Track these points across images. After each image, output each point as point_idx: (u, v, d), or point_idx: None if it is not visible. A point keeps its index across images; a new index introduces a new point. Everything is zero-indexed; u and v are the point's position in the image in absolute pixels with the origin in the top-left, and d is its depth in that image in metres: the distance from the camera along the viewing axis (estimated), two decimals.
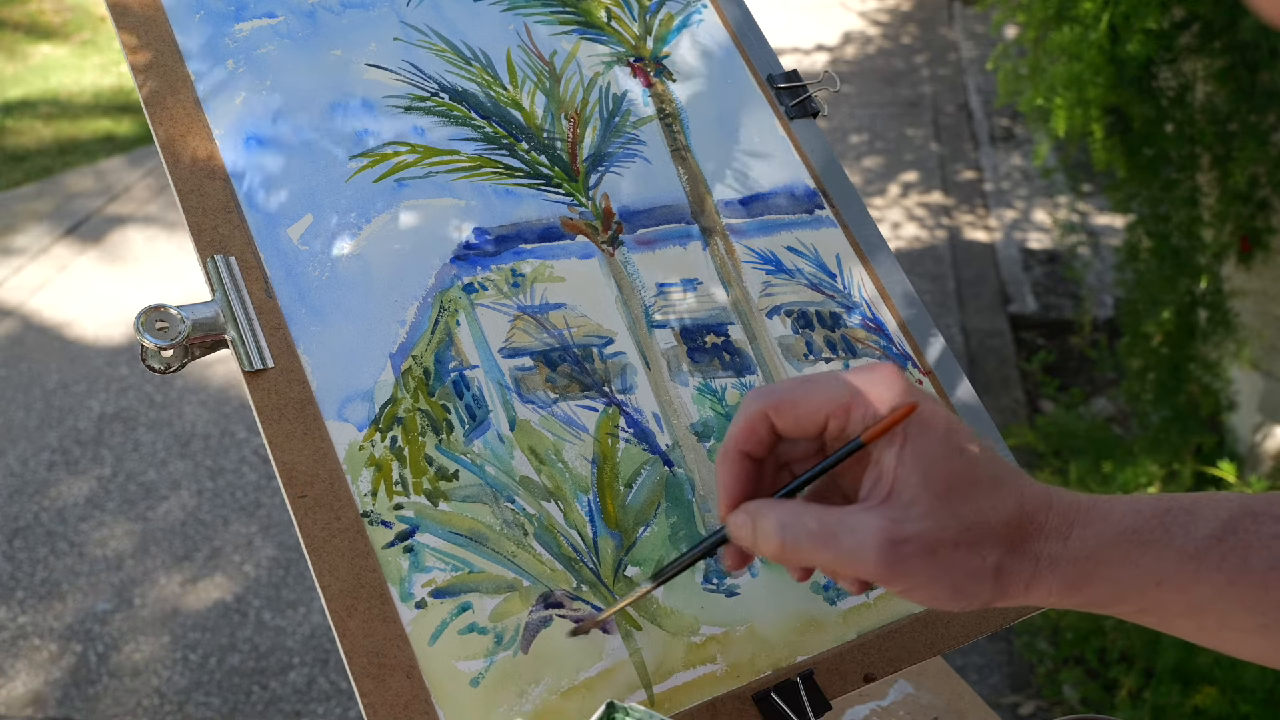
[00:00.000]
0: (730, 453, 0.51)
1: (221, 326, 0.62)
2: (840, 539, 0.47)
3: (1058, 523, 0.48)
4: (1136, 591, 0.48)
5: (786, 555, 0.48)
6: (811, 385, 0.50)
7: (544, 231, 0.72)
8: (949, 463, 0.47)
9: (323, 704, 2.05)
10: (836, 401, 0.49)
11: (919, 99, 4.55)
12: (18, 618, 2.22)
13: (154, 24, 0.70)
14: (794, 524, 0.48)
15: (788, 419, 0.50)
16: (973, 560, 0.47)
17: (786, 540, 0.48)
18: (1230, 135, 1.79)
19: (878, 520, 0.46)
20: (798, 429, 0.50)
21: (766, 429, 0.50)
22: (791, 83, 0.84)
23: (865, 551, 0.46)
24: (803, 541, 0.48)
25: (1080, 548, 0.48)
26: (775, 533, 0.48)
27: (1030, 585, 0.48)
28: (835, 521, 0.47)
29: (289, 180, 0.68)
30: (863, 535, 0.46)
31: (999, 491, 0.48)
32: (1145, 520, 0.48)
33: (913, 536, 0.46)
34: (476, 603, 0.60)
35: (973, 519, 0.47)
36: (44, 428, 2.72)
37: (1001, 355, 2.99)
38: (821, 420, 0.49)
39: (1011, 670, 2.09)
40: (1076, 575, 0.48)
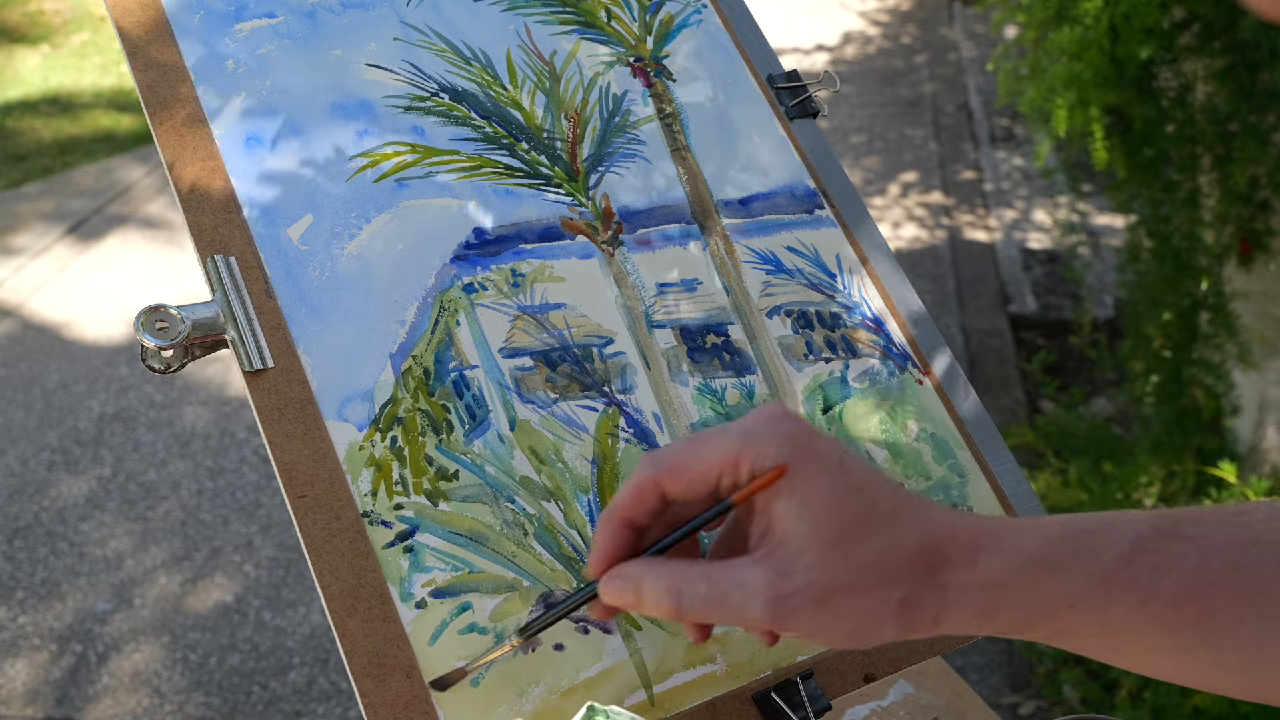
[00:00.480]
0: (614, 520, 0.51)
1: (221, 326, 0.62)
2: (729, 597, 0.47)
3: (963, 551, 0.47)
4: (1047, 615, 0.47)
5: (683, 617, 0.49)
6: (699, 445, 0.49)
7: (544, 231, 0.72)
8: (842, 505, 0.46)
9: (323, 704, 2.05)
10: (725, 458, 0.48)
11: (919, 99, 4.55)
12: (18, 618, 2.22)
13: (154, 24, 0.70)
14: (687, 589, 0.48)
15: (679, 484, 0.49)
16: (870, 603, 0.46)
17: (682, 605, 0.48)
18: (1230, 135, 1.79)
19: (764, 575, 0.46)
20: (690, 492, 0.49)
21: (656, 498, 0.50)
22: (791, 83, 0.84)
23: (753, 607, 0.46)
24: (697, 606, 0.48)
25: (988, 574, 0.47)
26: (668, 598, 0.48)
27: (939, 616, 0.47)
28: (723, 579, 0.47)
29: (289, 180, 0.68)
30: (749, 590, 0.46)
31: (899, 527, 0.47)
32: (1054, 544, 0.47)
33: (800, 588, 0.45)
34: (476, 603, 0.60)
35: (870, 559, 0.46)
36: (44, 428, 2.72)
37: (1001, 355, 2.99)
38: (713, 480, 0.49)
39: (1011, 670, 2.09)
40: (986, 602, 0.47)
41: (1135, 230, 2.04)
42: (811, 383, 0.73)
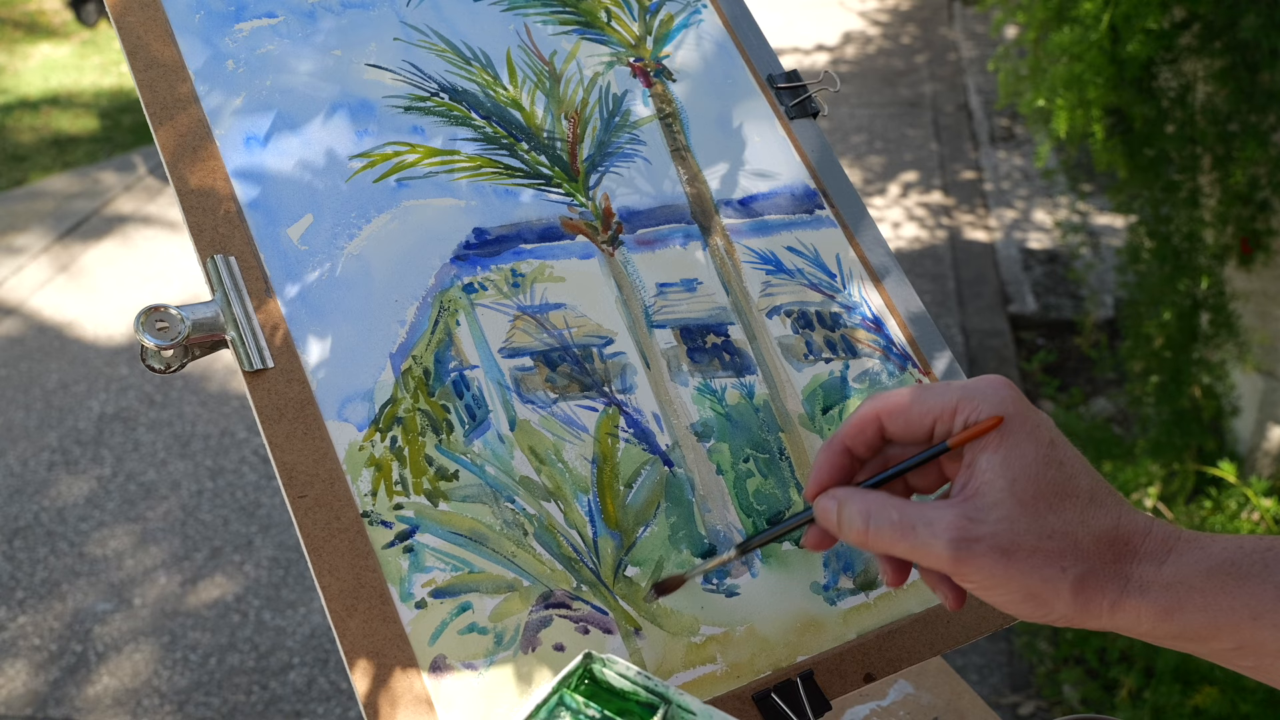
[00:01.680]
0: (835, 445, 0.54)
1: (221, 326, 0.62)
2: (917, 530, 0.49)
3: (1154, 548, 0.48)
4: (1231, 625, 0.47)
5: (869, 541, 0.50)
6: (922, 390, 0.52)
7: (544, 231, 0.72)
8: (1042, 473, 0.48)
9: (323, 704, 2.05)
10: (944, 406, 0.50)
11: (919, 99, 4.55)
12: (18, 617, 2.22)
13: (154, 24, 0.70)
14: (878, 513, 0.50)
15: (897, 421, 0.52)
16: (1049, 569, 0.47)
17: (869, 528, 0.50)
18: (1231, 135, 1.79)
19: (954, 516, 0.48)
20: (906, 433, 0.52)
21: (875, 431, 0.53)
22: (791, 83, 0.84)
23: (937, 544, 0.48)
24: (884, 530, 0.50)
25: (1174, 573, 0.48)
26: (859, 519, 0.50)
27: (1117, 606, 0.48)
28: (915, 513, 0.49)
29: (289, 180, 0.68)
30: (937, 527, 0.48)
31: (1093, 508, 0.48)
32: (1245, 554, 0.48)
33: (985, 536, 0.47)
34: (476, 603, 0.60)
35: (1057, 528, 0.47)
36: (44, 428, 2.72)
37: (1001, 355, 2.99)
38: (929, 424, 0.51)
39: (1011, 670, 2.09)
40: (1169, 601, 0.47)
41: (1135, 230, 2.04)
42: (811, 383, 0.73)
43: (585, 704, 0.51)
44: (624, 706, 0.51)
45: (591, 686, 0.52)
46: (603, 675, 0.52)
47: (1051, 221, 3.58)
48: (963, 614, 0.68)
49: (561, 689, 0.52)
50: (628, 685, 0.52)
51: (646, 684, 0.51)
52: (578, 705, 0.51)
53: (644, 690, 0.51)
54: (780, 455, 0.70)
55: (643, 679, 0.52)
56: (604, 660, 0.52)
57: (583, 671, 0.52)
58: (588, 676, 0.53)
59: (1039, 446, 0.49)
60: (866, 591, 0.67)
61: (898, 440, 0.53)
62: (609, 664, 0.52)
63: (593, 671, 0.53)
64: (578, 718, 0.51)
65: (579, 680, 0.52)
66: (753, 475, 0.69)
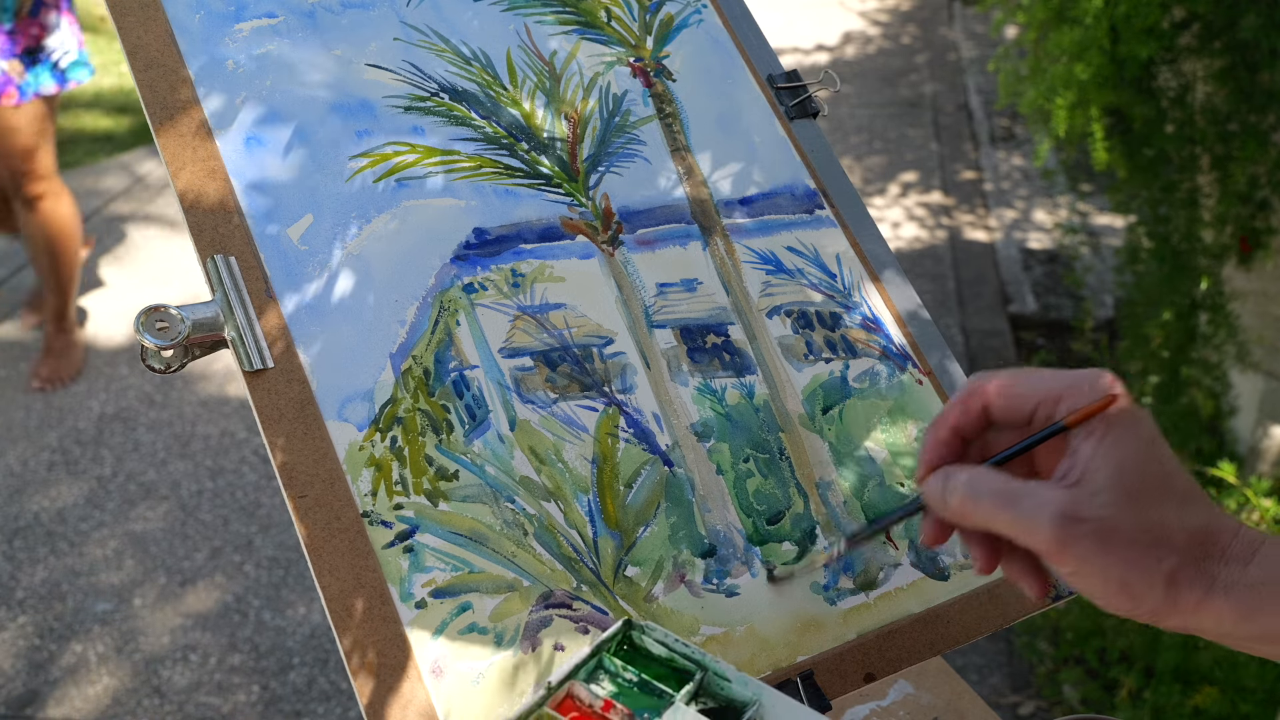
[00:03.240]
0: (942, 427, 0.54)
1: (221, 326, 0.62)
2: (1020, 502, 0.49)
3: (1240, 550, 0.49)
4: None
5: (968, 510, 0.50)
6: (1029, 374, 0.53)
7: (544, 231, 0.72)
8: (1145, 465, 0.49)
9: (323, 704, 2.05)
10: (1049, 390, 0.51)
11: (919, 99, 4.55)
12: (17, 617, 2.22)
13: (154, 24, 0.70)
14: (982, 483, 0.50)
15: (1002, 400, 0.53)
16: (1147, 560, 0.48)
17: (970, 494, 0.50)
18: (1230, 135, 1.79)
19: (1060, 495, 0.48)
20: (1009, 412, 0.53)
21: (980, 407, 0.53)
22: (791, 83, 0.84)
23: (1040, 520, 0.48)
24: (985, 498, 0.50)
25: (1260, 574, 0.48)
26: (962, 487, 0.51)
27: (1202, 604, 0.48)
28: (1020, 488, 0.49)
29: (289, 180, 0.68)
30: (1042, 504, 0.48)
31: (1188, 505, 0.49)
32: None
33: (1089, 518, 0.47)
34: (476, 603, 0.60)
35: (1155, 520, 0.48)
36: (44, 428, 2.72)
37: (1001, 355, 2.98)
38: (1032, 406, 0.52)
39: (1011, 670, 2.09)
40: (1252, 602, 0.48)
41: (1134, 230, 2.04)
42: (811, 383, 0.73)
43: (623, 667, 0.53)
44: (661, 672, 0.53)
45: (630, 652, 0.54)
46: (641, 641, 0.54)
47: (1051, 221, 3.58)
48: (963, 614, 0.68)
49: (601, 651, 0.53)
50: (665, 652, 0.53)
51: (684, 651, 0.52)
52: (616, 668, 0.53)
53: (681, 657, 0.52)
54: (780, 455, 0.70)
55: (680, 646, 0.52)
56: (643, 627, 0.54)
57: (622, 637, 0.54)
58: (626, 642, 0.54)
59: (1141, 440, 0.49)
60: (866, 591, 0.67)
61: (999, 421, 0.54)
62: (648, 630, 0.53)
63: (631, 637, 0.54)
64: (615, 680, 0.52)
65: (618, 645, 0.54)
66: (753, 475, 0.69)
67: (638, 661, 0.53)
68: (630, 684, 0.52)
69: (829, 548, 0.64)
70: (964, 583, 0.69)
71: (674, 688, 0.51)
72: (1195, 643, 1.69)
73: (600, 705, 0.50)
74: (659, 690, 0.51)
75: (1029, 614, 0.69)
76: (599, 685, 0.52)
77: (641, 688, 0.52)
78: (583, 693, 0.51)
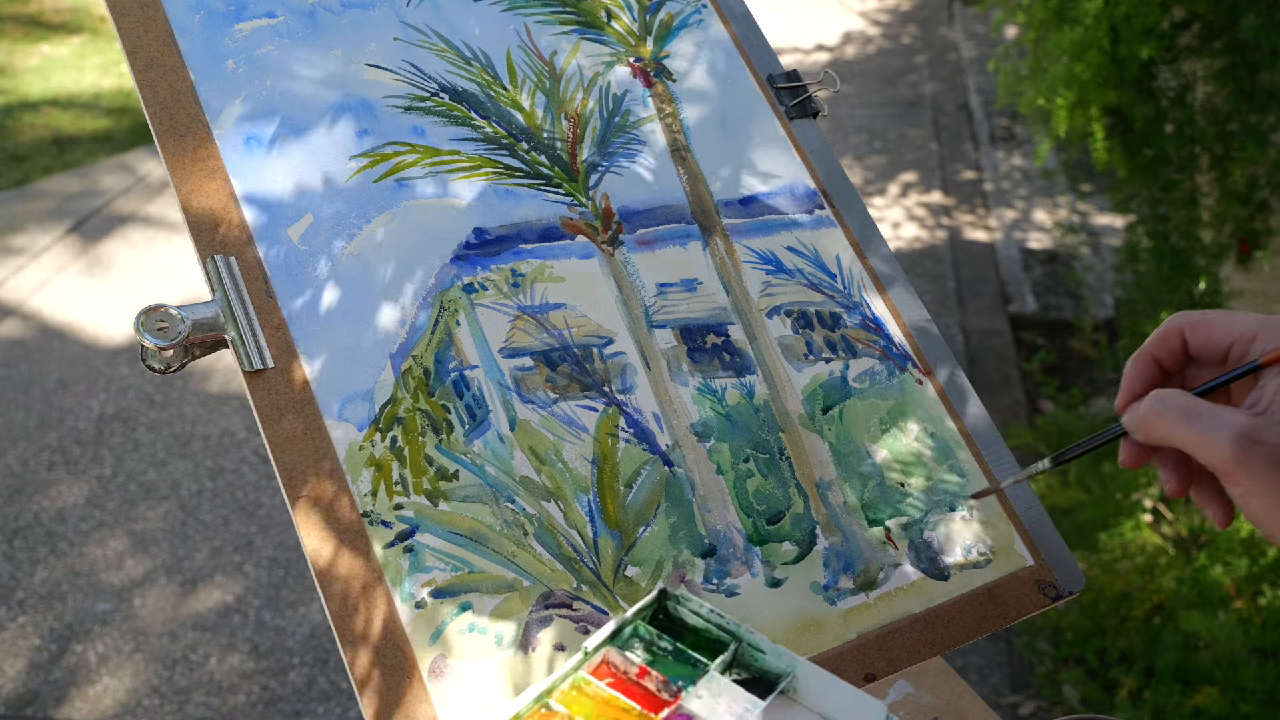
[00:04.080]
0: (1142, 355, 0.57)
1: (221, 326, 0.62)
2: (1203, 418, 0.51)
3: None
4: None
5: (1154, 423, 0.53)
6: (1227, 313, 0.55)
7: (544, 231, 0.72)
8: None
9: (323, 704, 2.05)
10: (1244, 329, 0.54)
11: (919, 99, 4.55)
12: (18, 617, 2.22)
13: (154, 24, 0.70)
14: (1170, 399, 0.53)
15: (1199, 335, 0.55)
16: None
17: (1158, 408, 0.53)
18: (1230, 135, 1.79)
19: (1244, 419, 0.50)
20: (1206, 349, 0.55)
21: (1179, 342, 0.56)
22: (791, 83, 0.84)
23: (1221, 436, 0.50)
24: (1170, 411, 0.52)
25: None
26: (1156, 402, 0.53)
27: None
28: (1204, 406, 0.51)
29: (289, 180, 0.68)
30: (1224, 422, 0.50)
31: None
32: None
33: (1269, 443, 0.49)
34: (476, 603, 0.60)
35: None
36: (44, 428, 2.72)
37: (1001, 355, 2.98)
38: (1227, 345, 0.54)
39: (1011, 670, 2.09)
40: None
41: (1134, 230, 2.04)
42: (811, 383, 0.73)
43: (658, 635, 0.53)
44: (695, 642, 0.53)
45: (664, 621, 0.54)
46: (676, 610, 0.54)
47: (1051, 221, 3.58)
48: (963, 614, 0.68)
49: (636, 620, 0.53)
50: (700, 622, 0.53)
51: (719, 621, 0.52)
52: (651, 636, 0.53)
53: (715, 627, 0.53)
54: (780, 455, 0.70)
55: (715, 616, 0.53)
56: (678, 596, 0.54)
57: (657, 606, 0.54)
58: (661, 611, 0.54)
59: None
60: (866, 591, 0.67)
61: (1197, 357, 0.56)
62: (683, 600, 0.53)
63: (666, 607, 0.54)
64: (650, 648, 0.52)
65: (653, 614, 0.54)
66: (753, 475, 0.69)
67: (672, 630, 0.53)
68: (665, 652, 0.52)
69: (1040, 465, 0.64)
70: (964, 583, 0.69)
71: (708, 657, 0.52)
72: (1195, 643, 1.69)
73: (635, 672, 0.51)
74: (693, 659, 0.52)
75: (1029, 614, 0.69)
76: (634, 653, 0.52)
77: (676, 656, 0.52)
78: (618, 659, 0.51)
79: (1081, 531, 1.99)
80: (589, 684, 0.49)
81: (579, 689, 0.49)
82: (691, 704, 0.49)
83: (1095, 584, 1.89)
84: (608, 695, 0.49)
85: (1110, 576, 1.88)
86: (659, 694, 0.50)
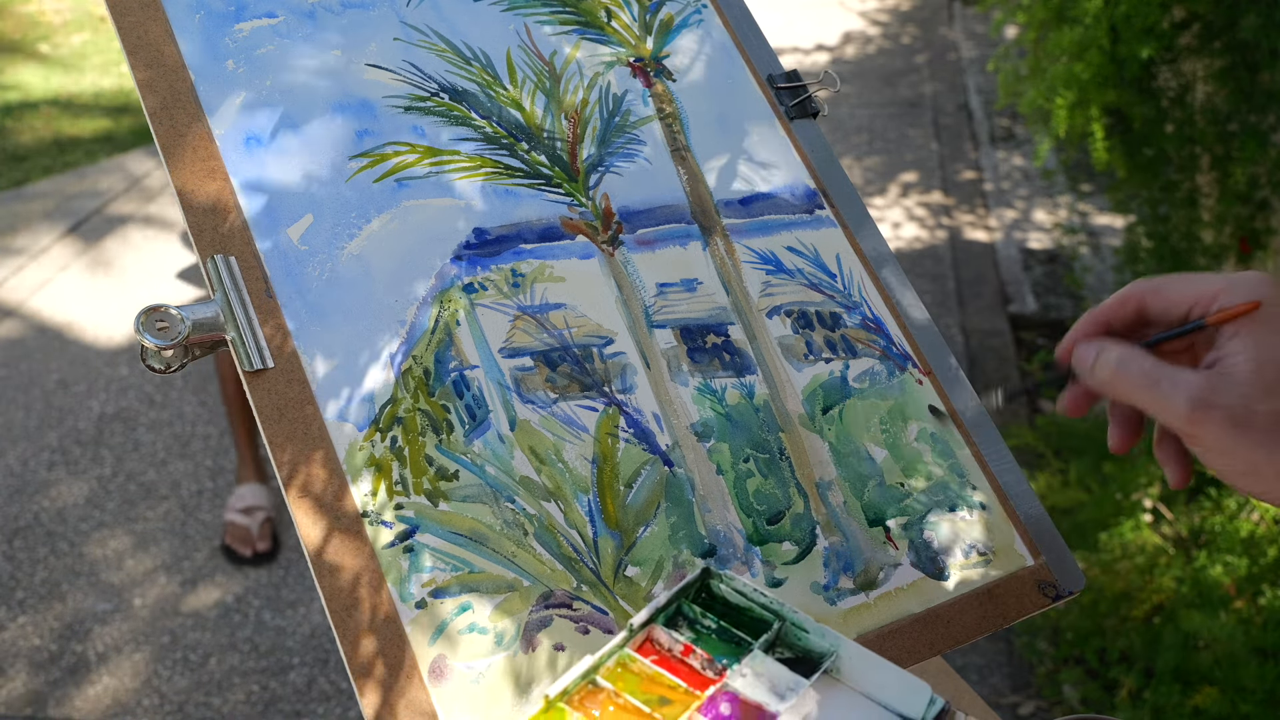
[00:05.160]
0: (1095, 316, 0.58)
1: (221, 326, 0.62)
2: (1161, 383, 0.52)
3: None
4: None
5: (1116, 383, 0.54)
6: (1186, 277, 0.56)
7: (544, 231, 0.72)
8: None
9: (323, 704, 2.05)
10: (1204, 290, 0.54)
11: (919, 99, 4.55)
12: (18, 617, 2.22)
13: (154, 24, 0.70)
14: (1131, 360, 0.54)
15: (1158, 300, 0.56)
16: (1274, 452, 0.50)
17: (1119, 369, 0.54)
18: (1230, 136, 1.79)
19: (1200, 380, 0.51)
20: (1164, 313, 0.56)
21: (1135, 308, 0.57)
22: (791, 83, 0.84)
23: (1176, 400, 0.51)
24: (1132, 375, 0.53)
25: None
26: (1114, 360, 0.54)
27: None
28: (1164, 369, 0.53)
29: (289, 180, 0.68)
30: (1181, 385, 0.51)
31: None
32: None
33: (1223, 405, 0.50)
34: (476, 603, 0.60)
35: None
36: (44, 428, 2.72)
37: (1001, 355, 2.98)
38: (1186, 307, 0.55)
39: (1011, 670, 2.09)
40: None
41: (1134, 230, 2.04)
42: (811, 383, 0.73)
43: (702, 614, 0.53)
44: (739, 620, 0.53)
45: (708, 599, 0.54)
46: (719, 589, 0.54)
47: (1051, 221, 3.58)
48: (963, 614, 0.68)
49: (680, 599, 0.53)
50: (743, 601, 0.53)
51: (762, 600, 0.52)
52: (695, 614, 0.53)
53: (759, 607, 0.52)
54: (780, 455, 0.70)
55: (758, 595, 0.53)
56: (721, 576, 0.54)
57: (700, 584, 0.54)
58: (704, 590, 0.54)
59: None
60: (866, 591, 0.67)
61: (1155, 321, 0.56)
62: (726, 580, 0.53)
63: (710, 585, 0.54)
64: (694, 627, 0.52)
65: (696, 593, 0.54)
66: (753, 475, 0.69)
67: (715, 609, 0.53)
68: (709, 630, 0.52)
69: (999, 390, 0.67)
70: (964, 583, 0.69)
71: (751, 636, 0.52)
72: (1195, 643, 1.69)
73: (680, 650, 0.51)
74: (737, 638, 0.52)
75: (1029, 614, 0.69)
76: (678, 631, 0.52)
77: (719, 635, 0.52)
78: (663, 637, 0.51)
79: (1081, 531, 1.99)
80: (635, 661, 0.50)
81: (624, 666, 0.49)
82: (736, 682, 0.49)
83: (1095, 584, 1.89)
84: (653, 672, 0.49)
85: (1110, 576, 1.88)
86: (703, 672, 0.50)
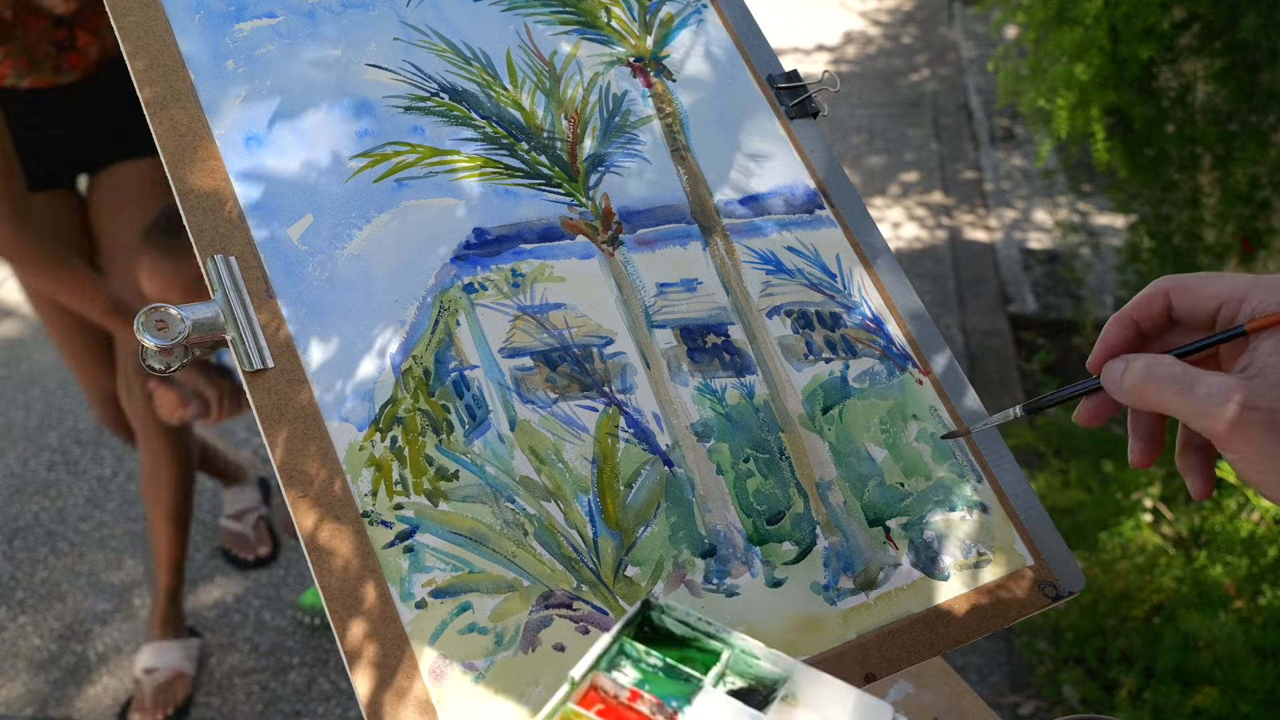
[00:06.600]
0: (1123, 317, 0.56)
1: (221, 326, 0.62)
2: (1196, 388, 0.50)
3: None
4: None
5: (1146, 392, 0.52)
6: (1214, 276, 0.54)
7: (544, 231, 0.72)
8: None
9: (323, 704, 2.05)
10: (1233, 292, 0.52)
11: (919, 99, 4.55)
12: (18, 618, 2.22)
13: (154, 24, 0.70)
14: (1161, 366, 0.52)
15: (1186, 299, 0.54)
16: None
17: (1149, 375, 0.52)
18: (1231, 135, 1.79)
19: (1237, 385, 0.49)
20: (1191, 312, 0.54)
21: (1162, 305, 0.55)
22: (792, 83, 0.84)
23: (1214, 404, 0.49)
24: (1164, 381, 0.51)
25: None
26: (1142, 369, 0.52)
27: None
28: (1197, 374, 0.51)
29: (289, 180, 0.68)
30: (1218, 391, 0.49)
31: None
32: None
33: (1262, 408, 0.49)
34: (476, 603, 0.60)
35: None
36: (44, 428, 2.72)
37: (1001, 355, 2.98)
38: (1215, 307, 0.53)
39: (1011, 670, 2.09)
40: None
41: (1136, 230, 2.04)
42: (811, 383, 0.73)
43: (646, 652, 0.50)
44: (685, 654, 0.50)
45: (651, 634, 0.51)
46: (661, 622, 0.51)
47: (1051, 221, 3.58)
48: (963, 614, 0.68)
49: (621, 637, 0.50)
50: (687, 631, 0.51)
51: (707, 629, 0.50)
52: (639, 653, 0.50)
53: (704, 636, 0.50)
54: (780, 455, 0.70)
55: (703, 625, 0.50)
56: (662, 606, 0.51)
57: (641, 619, 0.51)
58: (646, 624, 0.51)
59: None
60: (866, 591, 0.67)
61: (1182, 320, 0.55)
62: (668, 610, 0.51)
63: (650, 618, 0.51)
64: (639, 666, 0.49)
65: (638, 628, 0.51)
66: (753, 475, 0.69)
67: (660, 644, 0.50)
68: (655, 669, 0.49)
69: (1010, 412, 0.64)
70: (964, 583, 0.69)
71: (700, 670, 0.49)
72: (1195, 642, 1.69)
73: (627, 695, 0.48)
74: (685, 674, 0.49)
75: (1029, 614, 0.69)
76: (622, 674, 0.49)
77: (667, 672, 0.49)
78: (607, 684, 0.48)
79: (1081, 531, 1.99)
80: (579, 716, 0.46)
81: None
82: None
83: (1095, 584, 1.89)
84: None
85: (1110, 576, 1.88)
86: (654, 717, 0.47)
